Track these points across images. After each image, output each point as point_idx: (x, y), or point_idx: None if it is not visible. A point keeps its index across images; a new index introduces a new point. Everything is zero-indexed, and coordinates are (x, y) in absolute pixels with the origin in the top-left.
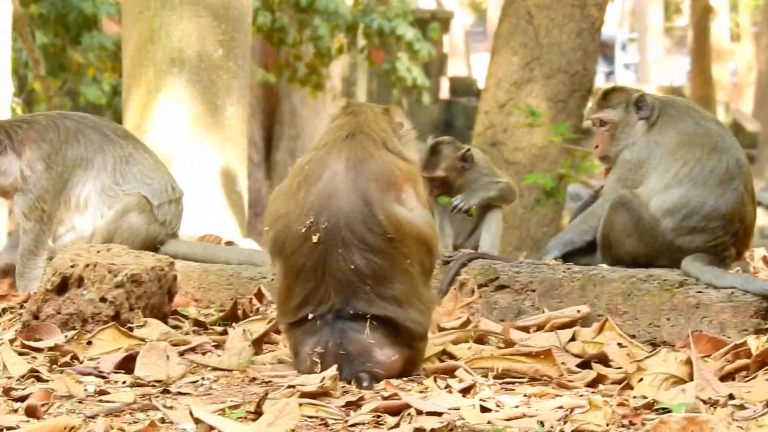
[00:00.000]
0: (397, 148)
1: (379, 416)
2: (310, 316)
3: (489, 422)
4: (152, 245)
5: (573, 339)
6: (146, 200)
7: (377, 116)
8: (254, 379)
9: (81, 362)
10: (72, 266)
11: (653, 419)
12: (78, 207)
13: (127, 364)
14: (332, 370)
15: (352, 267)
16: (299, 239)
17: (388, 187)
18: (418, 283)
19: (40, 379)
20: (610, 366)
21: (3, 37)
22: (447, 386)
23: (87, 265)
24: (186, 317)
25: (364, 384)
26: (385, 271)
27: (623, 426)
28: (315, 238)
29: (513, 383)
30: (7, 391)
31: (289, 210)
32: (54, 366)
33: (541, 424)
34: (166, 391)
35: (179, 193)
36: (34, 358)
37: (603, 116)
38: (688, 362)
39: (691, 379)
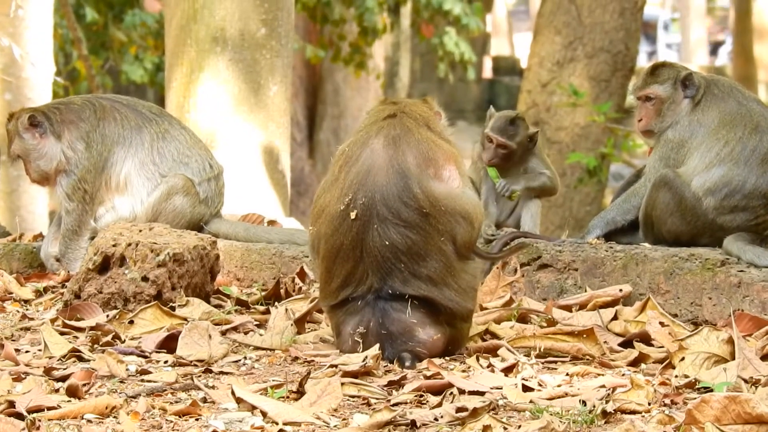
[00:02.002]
0: (438, 128)
1: (421, 395)
2: (351, 297)
3: (531, 401)
4: (197, 226)
5: (615, 318)
6: (191, 183)
7: (416, 103)
8: (296, 358)
9: (122, 342)
10: (114, 245)
11: (695, 398)
12: (118, 187)
13: (168, 344)
14: (374, 350)
15: (387, 243)
16: (338, 219)
17: (427, 163)
18: (453, 262)
19: (81, 359)
20: (652, 345)
21: (45, 16)
22: (489, 365)
23: (129, 245)
24: (228, 296)
25: (407, 363)
26: (420, 248)
27: (665, 405)
28: (353, 215)
29: (555, 362)
30: (48, 371)
31: (330, 199)
32: (95, 345)
33: (583, 403)
34: (208, 371)
35: (218, 169)
36: (76, 337)
37: (649, 92)
38: (730, 341)
39: (733, 358)
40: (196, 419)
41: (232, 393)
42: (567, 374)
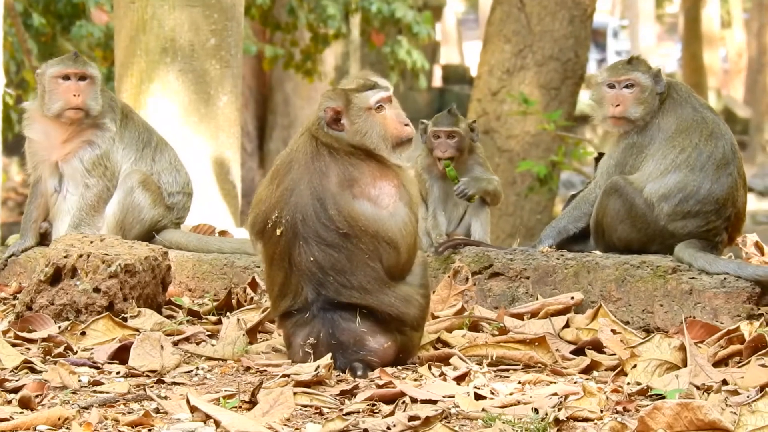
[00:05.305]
0: None
1: (373, 404)
2: (295, 309)
3: (483, 410)
4: (155, 228)
5: (567, 326)
6: (152, 180)
7: None
8: (249, 368)
9: (75, 353)
10: (65, 257)
11: (647, 405)
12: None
13: (121, 355)
14: (326, 359)
15: (312, 259)
16: (270, 230)
17: (350, 183)
18: (385, 276)
19: (33, 371)
20: (603, 352)
21: None
22: (441, 374)
23: (80, 256)
24: (180, 307)
25: (359, 373)
26: (344, 265)
27: (617, 412)
28: (278, 231)
29: (507, 370)
30: (0, 383)
31: (266, 197)
32: (47, 357)
33: (536, 411)
34: (160, 381)
35: (191, 191)
36: (28, 349)
37: (633, 78)
38: (682, 348)
39: (685, 365)
40: (149, 430)
41: (187, 402)
42: (519, 382)
